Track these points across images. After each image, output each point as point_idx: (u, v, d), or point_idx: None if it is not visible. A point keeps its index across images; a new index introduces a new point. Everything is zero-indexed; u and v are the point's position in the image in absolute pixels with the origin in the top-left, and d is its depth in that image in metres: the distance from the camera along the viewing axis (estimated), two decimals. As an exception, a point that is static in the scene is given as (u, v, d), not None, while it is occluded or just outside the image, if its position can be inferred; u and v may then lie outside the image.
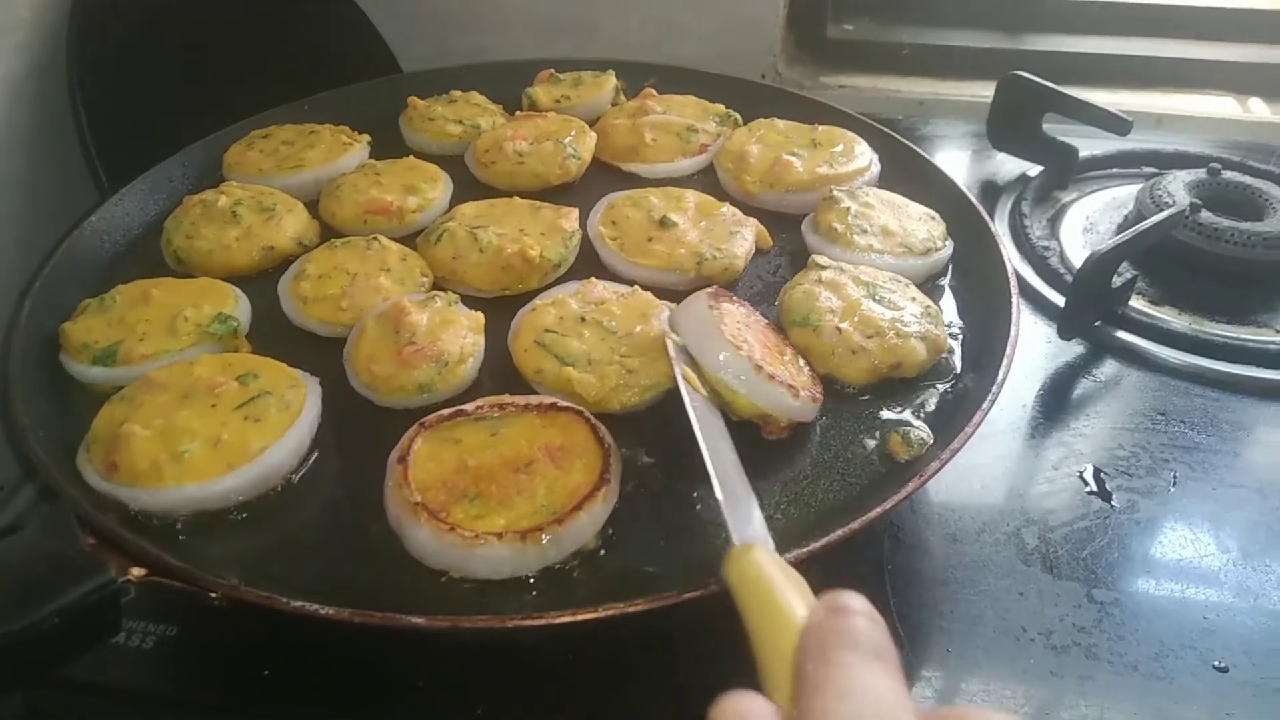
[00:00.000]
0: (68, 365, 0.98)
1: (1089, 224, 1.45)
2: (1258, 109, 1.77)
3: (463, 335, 0.97)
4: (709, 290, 0.96)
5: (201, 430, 0.85)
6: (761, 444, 0.90)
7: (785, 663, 0.46)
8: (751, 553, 0.58)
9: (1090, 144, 1.53)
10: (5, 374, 0.93)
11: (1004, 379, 0.92)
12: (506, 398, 0.89)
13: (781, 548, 0.70)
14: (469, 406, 0.88)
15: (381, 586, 0.77)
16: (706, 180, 1.33)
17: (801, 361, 0.98)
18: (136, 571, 0.72)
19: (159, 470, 0.82)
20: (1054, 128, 1.51)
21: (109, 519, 0.78)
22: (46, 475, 0.83)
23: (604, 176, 1.34)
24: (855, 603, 0.47)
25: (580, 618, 0.70)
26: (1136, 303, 1.26)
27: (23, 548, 0.73)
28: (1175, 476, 1.03)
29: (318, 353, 1.00)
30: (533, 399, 0.89)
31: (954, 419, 0.91)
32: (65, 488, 0.81)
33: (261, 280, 1.12)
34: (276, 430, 0.86)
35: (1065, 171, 1.52)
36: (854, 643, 0.44)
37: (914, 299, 1.04)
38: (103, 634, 0.73)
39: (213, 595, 0.73)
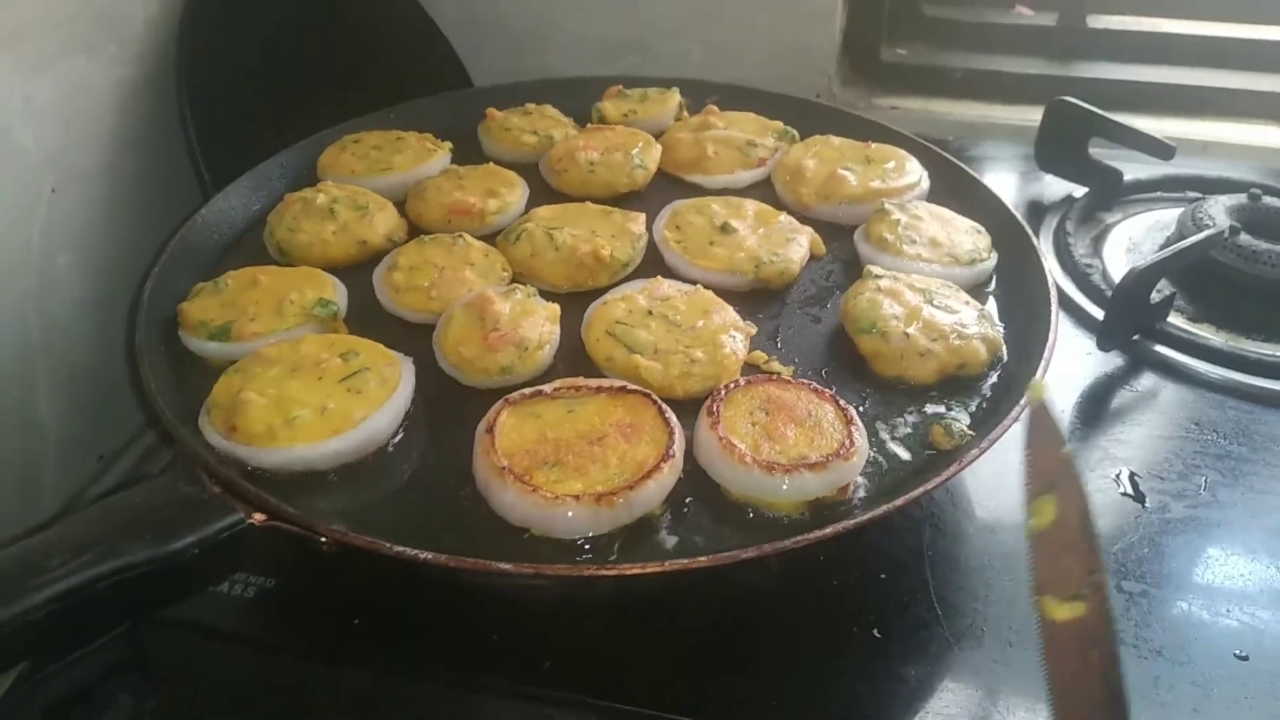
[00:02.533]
0: (186, 340, 1.09)
1: (1132, 244, 1.50)
2: (1302, 138, 1.81)
3: (541, 324, 1.06)
4: (710, 407, 0.94)
5: (310, 399, 0.95)
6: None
7: None
8: None
9: (1136, 168, 1.57)
10: (134, 347, 1.04)
11: (1043, 374, 0.98)
12: (580, 380, 0.98)
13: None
14: (547, 387, 0.97)
15: (469, 541, 0.85)
16: (764, 192, 1.40)
17: (830, 412, 0.94)
18: (258, 516, 0.82)
19: (273, 433, 0.91)
20: (1100, 151, 1.56)
21: (232, 471, 0.87)
22: (175, 433, 0.93)
23: (668, 186, 1.42)
24: None
25: (649, 570, 0.78)
26: (1175, 319, 1.31)
27: (160, 491, 0.83)
28: (1206, 481, 1.08)
29: (408, 336, 1.10)
30: (604, 382, 0.97)
31: (995, 413, 0.98)
32: (193, 444, 0.92)
33: (355, 271, 1.22)
34: (376, 401, 0.96)
35: (1110, 194, 1.57)
36: None
37: (967, 303, 1.11)
38: (229, 569, 0.82)
39: (322, 540, 0.82)
